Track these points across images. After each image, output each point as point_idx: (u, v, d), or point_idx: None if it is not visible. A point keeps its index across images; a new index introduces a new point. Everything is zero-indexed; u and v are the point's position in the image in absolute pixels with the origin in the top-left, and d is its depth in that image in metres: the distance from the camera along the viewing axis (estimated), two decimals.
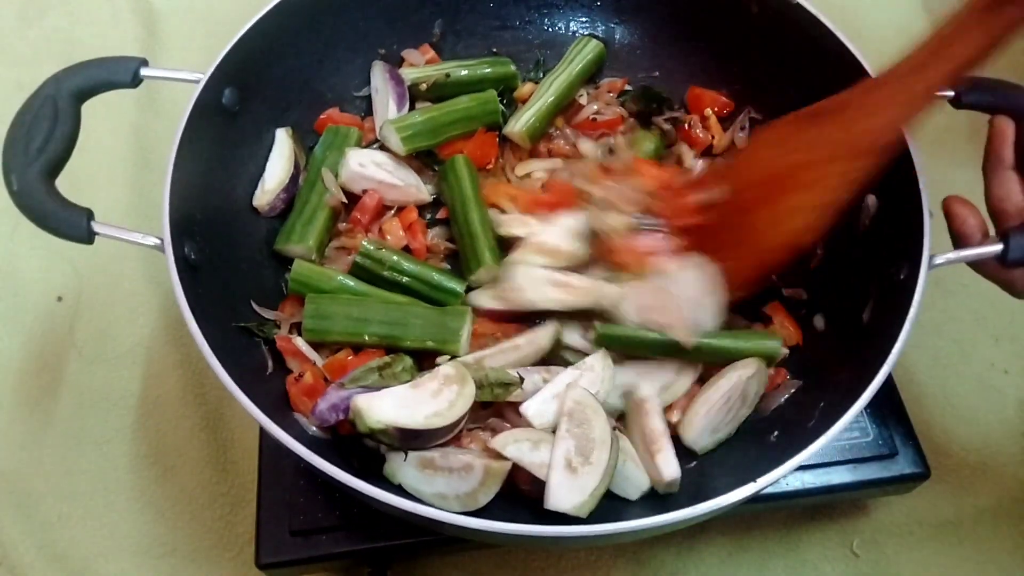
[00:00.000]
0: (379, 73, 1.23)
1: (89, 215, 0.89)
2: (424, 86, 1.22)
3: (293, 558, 0.97)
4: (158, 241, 0.89)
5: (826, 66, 1.09)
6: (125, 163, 1.44)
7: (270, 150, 1.15)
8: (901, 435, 1.05)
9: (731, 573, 1.12)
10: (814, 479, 1.02)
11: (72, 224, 0.89)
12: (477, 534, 0.81)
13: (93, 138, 1.39)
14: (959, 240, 0.94)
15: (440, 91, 1.22)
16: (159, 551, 1.13)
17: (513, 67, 1.26)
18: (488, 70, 1.25)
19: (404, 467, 0.89)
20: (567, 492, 0.86)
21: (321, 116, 1.21)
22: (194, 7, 1.63)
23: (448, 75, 1.22)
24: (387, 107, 1.20)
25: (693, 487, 0.92)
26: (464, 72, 1.24)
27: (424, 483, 0.88)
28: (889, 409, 1.07)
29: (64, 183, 0.92)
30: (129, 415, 1.22)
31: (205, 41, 1.57)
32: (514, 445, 0.90)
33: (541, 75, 1.28)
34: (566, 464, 0.88)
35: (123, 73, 0.97)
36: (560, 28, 1.34)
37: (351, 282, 1.05)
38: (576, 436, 0.90)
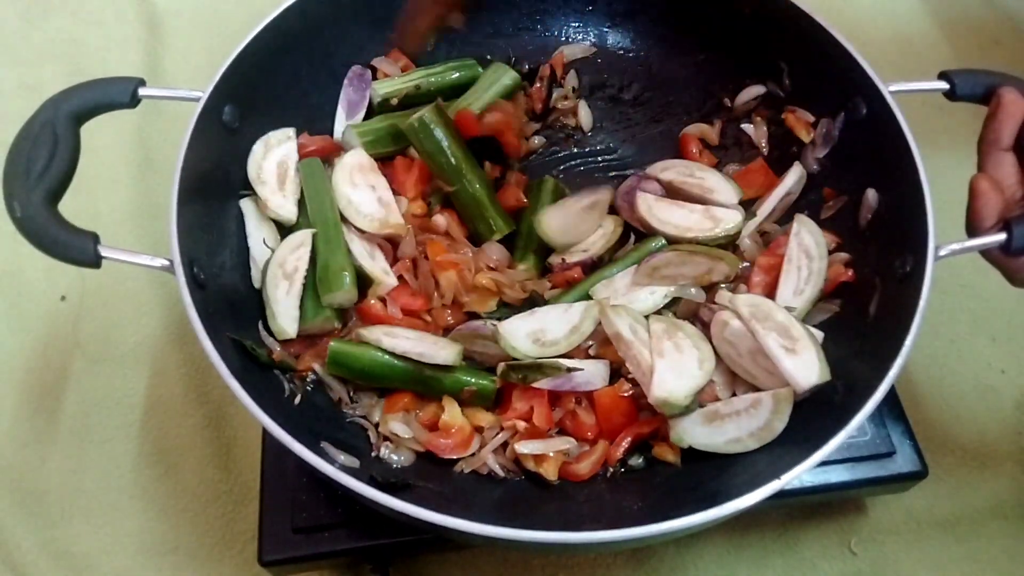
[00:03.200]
0: (348, 76, 1.22)
1: (95, 239, 0.88)
2: (395, 100, 1.21)
3: (295, 555, 0.98)
4: (167, 263, 0.89)
5: (822, 66, 1.10)
6: (130, 168, 1.44)
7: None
8: (899, 434, 1.06)
9: (730, 571, 1.12)
10: (812, 477, 1.03)
11: (78, 249, 0.88)
12: (485, 540, 0.80)
13: (97, 147, 1.41)
14: (973, 222, 0.92)
15: (412, 102, 1.20)
16: (162, 549, 1.14)
17: (480, 69, 1.26)
18: (456, 75, 1.24)
19: (692, 427, 0.94)
20: (805, 367, 0.91)
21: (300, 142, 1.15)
22: (198, 8, 1.63)
23: (418, 86, 1.21)
24: (336, 115, 1.21)
25: (713, 487, 0.92)
26: (433, 79, 1.22)
27: (716, 435, 0.93)
28: (887, 408, 1.07)
29: (68, 195, 0.92)
30: (132, 414, 1.23)
31: (209, 42, 1.58)
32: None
33: (535, 81, 1.28)
34: (785, 350, 0.92)
35: (121, 94, 0.96)
36: (553, 33, 1.34)
37: (386, 357, 0.99)
38: (769, 329, 0.94)
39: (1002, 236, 0.90)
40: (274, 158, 1.11)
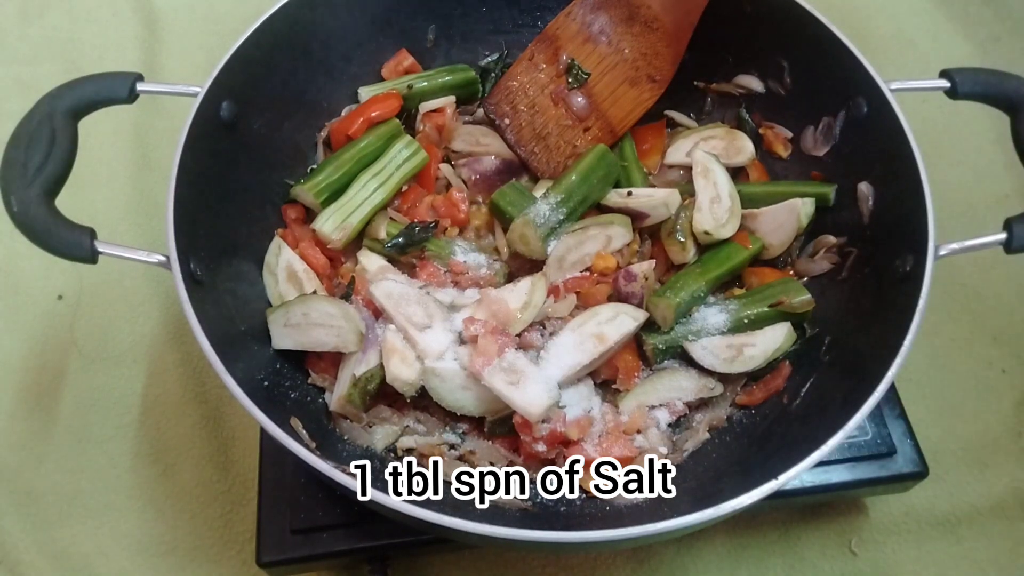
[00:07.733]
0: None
1: (92, 234, 0.88)
2: None
3: (294, 556, 0.97)
4: (163, 258, 0.89)
5: (823, 65, 1.09)
6: (126, 166, 1.44)
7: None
8: (899, 434, 1.06)
9: (730, 571, 1.12)
10: (813, 477, 1.02)
11: (75, 244, 0.88)
12: (485, 540, 0.80)
13: (95, 144, 1.41)
14: None
15: (405, 104, 1.21)
16: (159, 549, 1.13)
17: (473, 73, 1.27)
18: (448, 78, 1.25)
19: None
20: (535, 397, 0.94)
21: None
22: (195, 5, 1.63)
23: (410, 86, 1.22)
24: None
25: (707, 485, 0.92)
26: (424, 83, 1.23)
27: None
28: (888, 408, 1.07)
29: (65, 192, 0.91)
30: (129, 413, 1.22)
31: (206, 40, 1.57)
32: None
33: None
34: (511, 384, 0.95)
35: (119, 89, 0.96)
36: None
37: None
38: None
39: (1002, 236, 0.90)
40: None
